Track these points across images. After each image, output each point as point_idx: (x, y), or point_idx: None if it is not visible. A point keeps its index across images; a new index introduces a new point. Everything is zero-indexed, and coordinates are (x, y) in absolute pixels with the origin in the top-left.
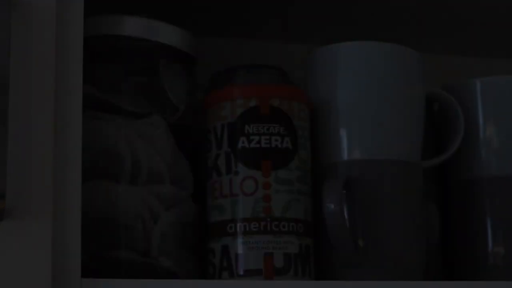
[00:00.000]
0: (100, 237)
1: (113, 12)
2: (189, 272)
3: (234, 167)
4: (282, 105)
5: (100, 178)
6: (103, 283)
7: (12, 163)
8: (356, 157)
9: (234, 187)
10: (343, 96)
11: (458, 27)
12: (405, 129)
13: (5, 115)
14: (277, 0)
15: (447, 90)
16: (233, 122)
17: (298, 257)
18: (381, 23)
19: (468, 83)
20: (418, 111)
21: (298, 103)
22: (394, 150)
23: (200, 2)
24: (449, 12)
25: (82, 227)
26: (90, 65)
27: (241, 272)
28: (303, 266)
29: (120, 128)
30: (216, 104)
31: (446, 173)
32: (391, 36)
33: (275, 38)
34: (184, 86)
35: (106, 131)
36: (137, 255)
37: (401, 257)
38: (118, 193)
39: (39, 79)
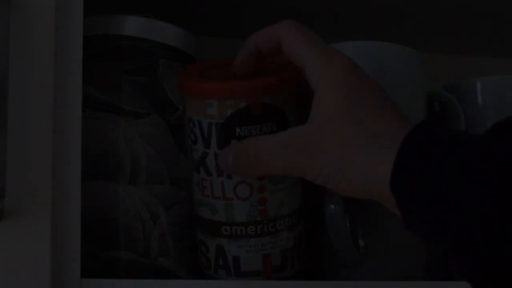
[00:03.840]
0: (100, 237)
1: (113, 12)
2: (188, 272)
3: None
4: (274, 100)
5: (100, 178)
6: (103, 283)
7: (12, 163)
8: None
9: (227, 191)
10: None
11: (458, 27)
12: None
13: (5, 115)
14: (277, 0)
15: (447, 90)
16: (222, 123)
17: (294, 250)
18: (382, 23)
19: (468, 83)
20: (418, 111)
21: (289, 91)
22: None
23: (200, 2)
24: (449, 12)
25: (82, 227)
26: (90, 65)
27: (239, 274)
28: (298, 256)
29: (120, 128)
30: (203, 100)
31: None
32: (392, 36)
33: None
34: None
35: (106, 131)
36: (136, 256)
37: (402, 257)
38: (118, 193)
39: (39, 79)
